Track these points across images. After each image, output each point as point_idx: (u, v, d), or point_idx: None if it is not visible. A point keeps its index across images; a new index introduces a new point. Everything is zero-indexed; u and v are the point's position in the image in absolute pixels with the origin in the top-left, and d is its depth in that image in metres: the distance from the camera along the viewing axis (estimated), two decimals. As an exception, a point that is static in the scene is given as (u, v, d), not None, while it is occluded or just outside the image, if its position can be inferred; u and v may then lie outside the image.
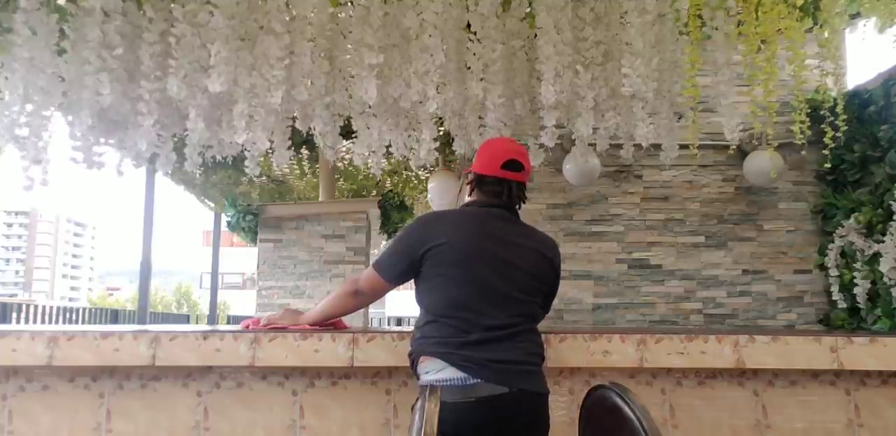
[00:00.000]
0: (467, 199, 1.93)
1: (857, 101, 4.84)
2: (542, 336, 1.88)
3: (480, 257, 1.73)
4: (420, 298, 1.80)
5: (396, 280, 1.84)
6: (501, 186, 1.84)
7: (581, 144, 2.81)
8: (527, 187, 1.92)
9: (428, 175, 7.35)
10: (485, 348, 1.66)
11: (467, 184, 1.92)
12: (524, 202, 1.89)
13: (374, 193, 9.71)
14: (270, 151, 2.69)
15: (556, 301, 1.98)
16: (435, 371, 1.66)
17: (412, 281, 1.86)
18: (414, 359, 1.76)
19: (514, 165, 1.85)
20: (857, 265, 4.73)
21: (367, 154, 2.77)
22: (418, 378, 1.73)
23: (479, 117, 2.74)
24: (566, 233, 5.20)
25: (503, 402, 1.62)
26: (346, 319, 2.25)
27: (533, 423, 1.68)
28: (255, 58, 2.45)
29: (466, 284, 1.71)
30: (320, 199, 8.12)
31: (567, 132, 2.84)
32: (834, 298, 4.95)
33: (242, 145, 2.61)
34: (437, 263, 1.74)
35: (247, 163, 2.66)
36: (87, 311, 9.32)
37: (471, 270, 1.72)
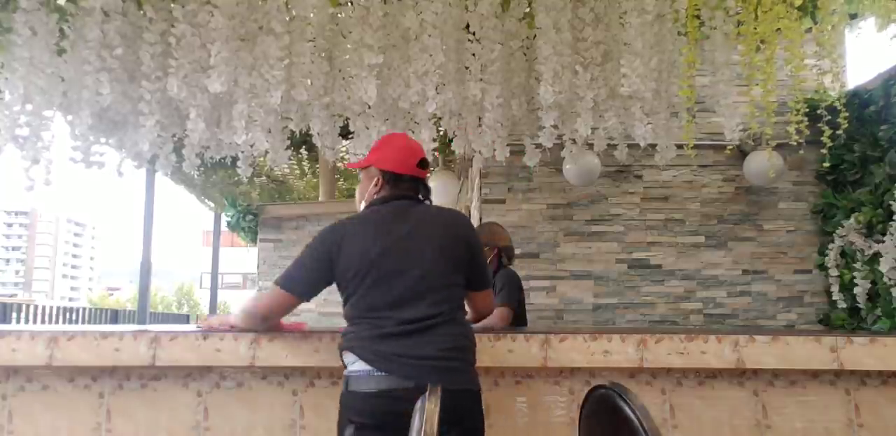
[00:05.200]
0: (374, 196, 1.92)
1: (857, 101, 4.83)
2: (543, 336, 1.87)
3: (385, 258, 1.76)
4: (343, 305, 1.84)
5: (307, 295, 1.86)
6: (417, 184, 1.92)
7: (575, 145, 2.81)
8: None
9: (428, 175, 7.34)
10: (395, 342, 1.70)
11: (375, 184, 1.91)
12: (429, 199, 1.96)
13: (374, 193, 9.67)
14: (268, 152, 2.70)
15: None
16: (350, 363, 1.74)
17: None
18: (340, 353, 1.82)
19: (426, 163, 1.94)
20: (857, 265, 4.72)
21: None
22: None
23: (479, 118, 2.74)
24: (566, 233, 5.19)
25: (409, 396, 1.55)
26: None
27: (449, 420, 1.64)
28: (255, 58, 2.46)
29: (376, 289, 1.75)
30: (320, 199, 8.12)
31: (569, 132, 2.84)
32: (834, 298, 4.95)
33: (240, 146, 2.62)
34: (345, 272, 1.78)
35: (239, 163, 2.67)
36: (87, 311, 9.33)
37: (379, 274, 1.75)
